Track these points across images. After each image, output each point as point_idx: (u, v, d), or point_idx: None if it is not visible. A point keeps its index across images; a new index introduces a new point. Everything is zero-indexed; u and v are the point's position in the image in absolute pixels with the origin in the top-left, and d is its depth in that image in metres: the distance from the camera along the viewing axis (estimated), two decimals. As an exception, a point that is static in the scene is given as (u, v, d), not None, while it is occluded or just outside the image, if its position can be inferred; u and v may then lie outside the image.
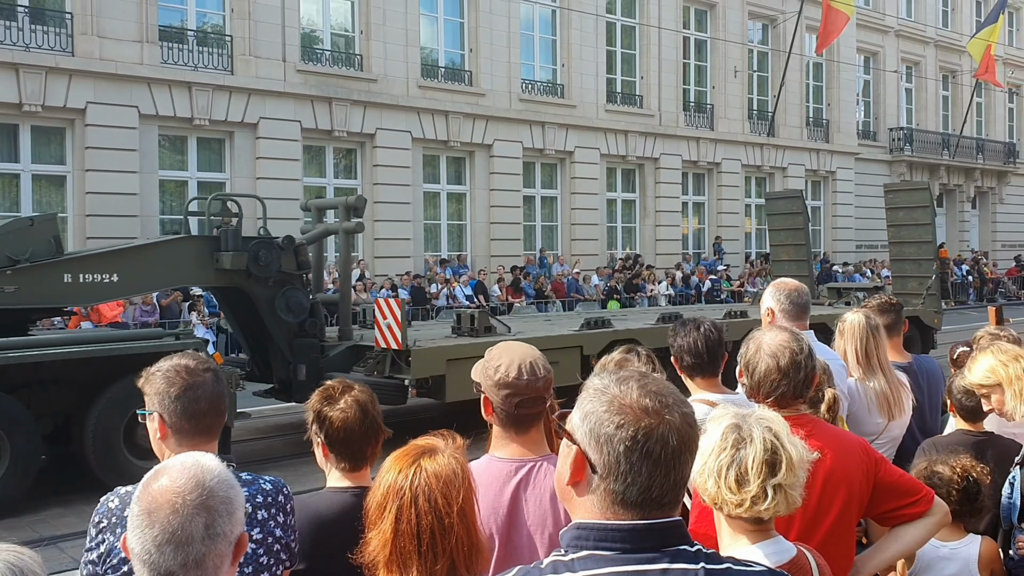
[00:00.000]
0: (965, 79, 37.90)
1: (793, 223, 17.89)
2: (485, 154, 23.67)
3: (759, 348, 2.68)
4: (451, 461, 1.93)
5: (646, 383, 1.55)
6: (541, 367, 2.43)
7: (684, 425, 1.51)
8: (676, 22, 27.72)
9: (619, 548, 1.48)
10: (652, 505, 1.49)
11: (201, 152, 19.61)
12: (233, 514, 1.56)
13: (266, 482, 2.44)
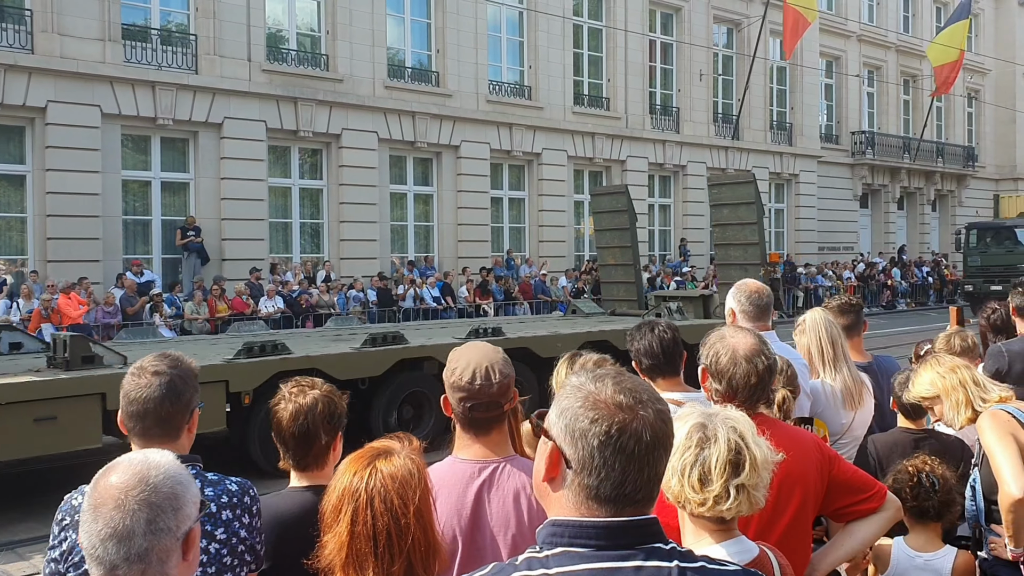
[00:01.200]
0: (926, 84, 38.53)
1: (618, 222, 15.84)
2: (452, 155, 23.66)
3: (733, 354, 2.69)
4: (407, 462, 1.93)
5: (621, 380, 1.56)
6: (497, 372, 2.42)
7: (658, 421, 1.53)
8: (642, 25, 27.89)
9: (594, 545, 1.49)
10: (626, 501, 1.50)
11: (165, 152, 19.40)
12: (180, 509, 1.58)
13: (232, 483, 2.43)
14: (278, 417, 2.62)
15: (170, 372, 2.43)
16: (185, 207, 19.55)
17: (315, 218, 21.83)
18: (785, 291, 28.27)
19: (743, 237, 14.09)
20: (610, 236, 16.19)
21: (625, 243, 15.71)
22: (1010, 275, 26.84)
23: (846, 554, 2.77)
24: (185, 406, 2.45)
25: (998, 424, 3.10)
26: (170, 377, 2.43)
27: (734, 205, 14.22)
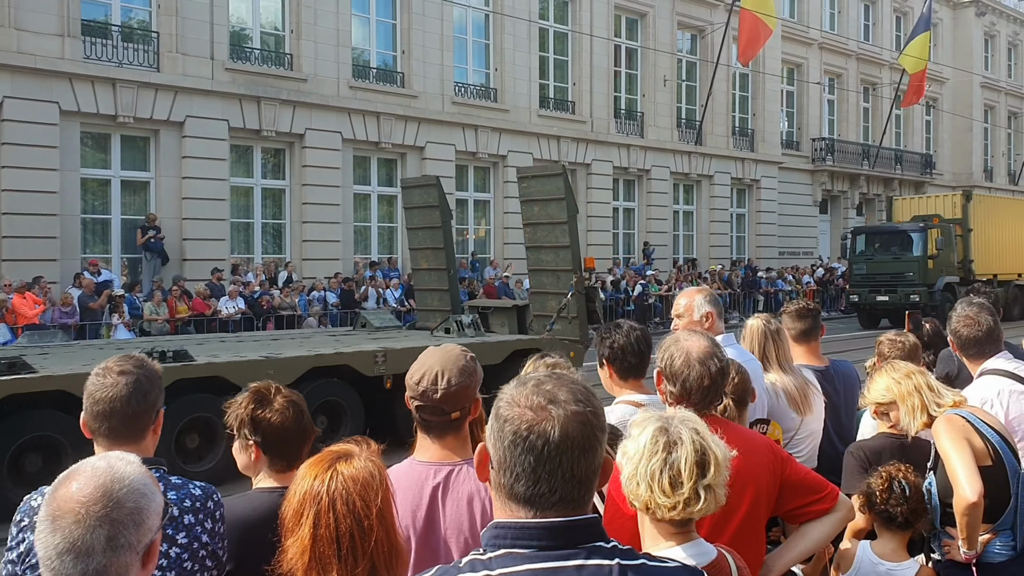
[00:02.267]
0: (885, 91, 39.14)
1: (430, 219, 13.45)
2: (417, 156, 23.60)
3: (687, 356, 2.72)
4: (367, 464, 1.93)
5: (542, 383, 1.59)
6: (446, 380, 2.41)
7: (572, 422, 1.52)
8: (607, 30, 28.04)
9: (536, 546, 1.50)
10: (542, 502, 1.51)
11: (125, 150, 19.14)
12: (142, 524, 1.54)
13: (196, 487, 2.42)
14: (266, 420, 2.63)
15: (136, 372, 2.43)
16: (146, 206, 19.30)
17: (277, 218, 21.66)
18: (745, 295, 28.58)
19: (554, 239, 11.98)
20: (423, 236, 13.74)
21: (438, 244, 13.34)
22: (897, 284, 25.51)
23: (800, 554, 2.80)
24: (151, 406, 2.45)
25: (953, 428, 3.16)
26: (136, 376, 2.43)
27: (544, 201, 12.05)
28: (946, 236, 26.06)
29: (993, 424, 3.22)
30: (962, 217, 27.45)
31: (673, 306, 4.28)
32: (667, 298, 25.74)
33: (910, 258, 25.83)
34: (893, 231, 27.25)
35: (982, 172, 45.75)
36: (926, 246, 25.45)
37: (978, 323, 3.81)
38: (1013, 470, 3.15)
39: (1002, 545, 3.17)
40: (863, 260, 26.71)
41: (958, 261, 26.81)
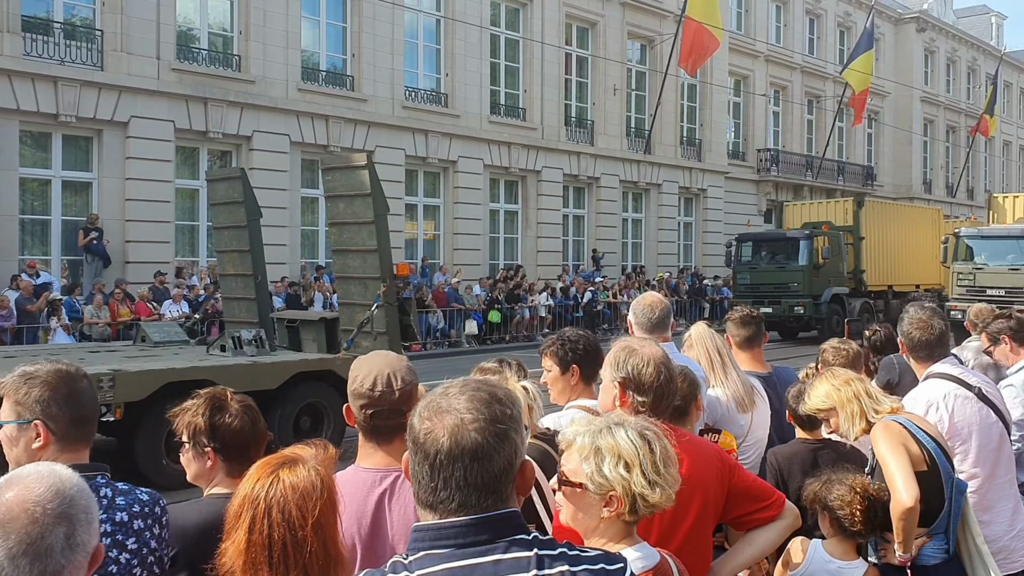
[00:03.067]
0: (829, 104, 39.95)
1: (235, 218, 11.84)
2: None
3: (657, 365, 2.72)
4: (311, 473, 1.91)
5: (448, 390, 1.62)
6: (399, 379, 2.42)
7: (463, 430, 1.54)
8: (558, 38, 28.20)
9: (453, 544, 1.53)
10: (443, 509, 1.54)
11: (67, 150, 18.73)
12: (91, 523, 1.50)
13: (143, 492, 2.38)
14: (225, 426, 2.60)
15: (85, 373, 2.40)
16: (87, 207, 18.91)
17: (224, 221, 21.33)
18: (692, 303, 28.90)
19: (360, 241, 10.33)
20: (228, 236, 12.10)
21: (244, 246, 11.72)
22: (781, 295, 23.99)
23: (746, 561, 2.83)
24: (94, 416, 2.41)
25: (890, 435, 3.22)
26: (89, 382, 2.41)
27: (349, 197, 10.46)
28: (835, 244, 24.62)
29: (929, 430, 3.30)
30: (854, 224, 25.99)
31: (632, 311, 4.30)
32: (616, 305, 25.94)
33: (795, 267, 24.22)
34: (779, 238, 25.72)
35: (921, 184, 46.91)
36: (812, 255, 24.02)
37: (931, 327, 3.89)
38: (947, 475, 3.22)
39: (936, 548, 3.24)
40: (747, 269, 25.28)
41: (849, 271, 25.48)
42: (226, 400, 2.65)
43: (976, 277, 21.94)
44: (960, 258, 22.59)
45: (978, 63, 51.83)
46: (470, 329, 22.94)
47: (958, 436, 3.65)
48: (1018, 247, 21.86)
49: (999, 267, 21.98)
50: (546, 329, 24.05)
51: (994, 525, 3.63)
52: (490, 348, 22.40)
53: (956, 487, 3.25)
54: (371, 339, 10.09)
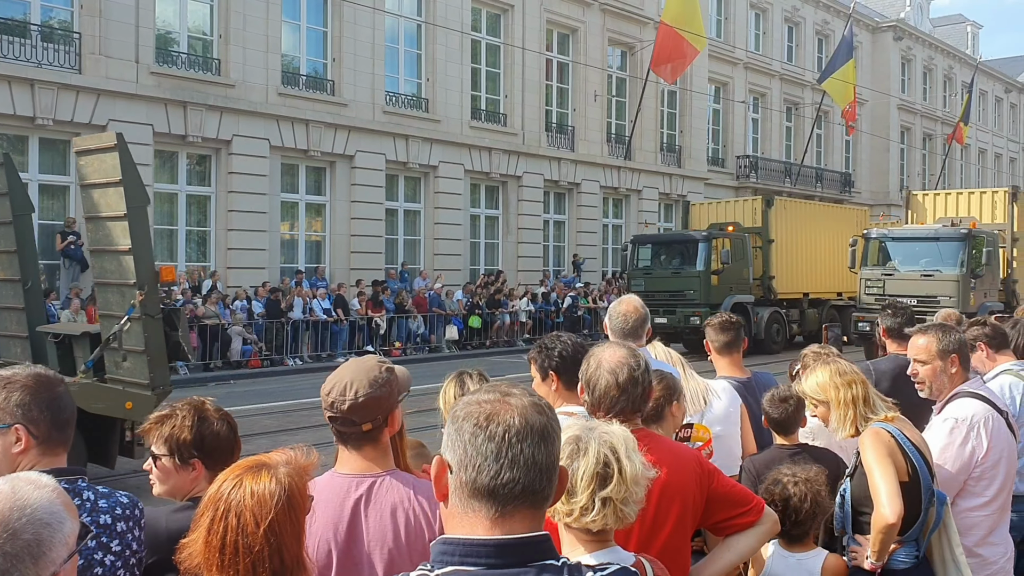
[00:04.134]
0: (807, 111, 40.25)
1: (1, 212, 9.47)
2: (347, 165, 23.42)
3: (599, 365, 2.75)
4: (271, 481, 1.91)
5: (493, 385, 1.62)
6: (355, 391, 2.39)
7: (529, 410, 1.54)
8: (540, 44, 28.27)
9: (484, 563, 1.48)
10: (507, 493, 1.49)
11: (44, 154, 18.57)
12: (41, 557, 1.43)
13: (123, 495, 2.38)
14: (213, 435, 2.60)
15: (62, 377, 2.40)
16: (65, 211, 18.75)
17: (202, 226, 21.25)
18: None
19: (115, 239, 8.42)
20: None
21: (10, 246, 9.57)
22: (676, 304, 21.64)
23: (725, 566, 2.83)
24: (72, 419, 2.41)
25: (879, 444, 3.23)
26: (64, 381, 2.41)
27: (103, 187, 8.44)
28: (738, 248, 22.43)
29: (915, 441, 3.32)
30: (762, 225, 23.55)
31: None
32: (596, 310, 25.98)
33: (691, 273, 21.94)
34: (678, 240, 23.46)
35: (898, 191, 47.29)
36: (710, 259, 21.82)
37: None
38: (927, 486, 3.24)
39: (906, 554, 3.27)
40: (642, 275, 22.76)
41: (756, 277, 23.15)
42: (208, 409, 2.63)
43: (886, 284, 19.62)
44: (870, 262, 20.41)
45: (954, 71, 52.41)
46: (451, 334, 22.93)
47: (990, 461, 3.61)
48: (935, 250, 19.62)
49: (911, 273, 19.71)
50: (527, 335, 24.09)
51: (996, 547, 3.65)
52: (470, 353, 22.40)
53: (937, 498, 3.27)
54: (121, 358, 8.45)
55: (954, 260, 19.26)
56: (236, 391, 15.65)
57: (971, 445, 3.58)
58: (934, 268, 19.31)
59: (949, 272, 19.11)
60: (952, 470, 3.57)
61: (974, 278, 19.21)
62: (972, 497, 3.61)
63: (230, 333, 18.70)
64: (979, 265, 19.34)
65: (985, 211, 21.89)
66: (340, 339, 20.80)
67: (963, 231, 19.53)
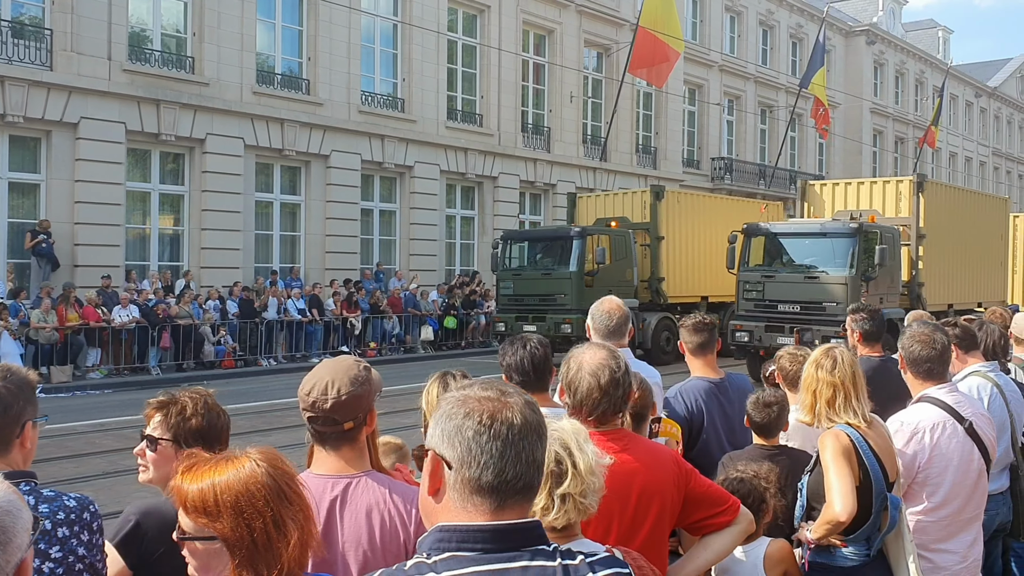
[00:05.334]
0: (781, 114, 40.57)
1: None
2: (322, 165, 23.31)
3: (580, 367, 2.75)
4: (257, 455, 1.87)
5: (487, 382, 1.65)
6: (336, 389, 2.38)
7: (527, 409, 1.60)
8: (516, 45, 28.29)
9: (480, 548, 1.53)
10: (508, 489, 1.55)
11: (14, 151, 18.35)
12: (8, 543, 1.42)
13: (70, 499, 2.32)
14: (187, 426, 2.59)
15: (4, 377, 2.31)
16: (35, 209, 18.54)
17: (176, 225, 21.08)
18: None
19: None
20: None
21: None
22: (547, 309, 18.98)
23: (702, 566, 2.85)
24: (14, 419, 2.32)
25: (839, 445, 3.29)
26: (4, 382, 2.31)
27: None
28: (619, 245, 19.95)
29: (874, 446, 3.37)
30: (651, 221, 20.97)
31: None
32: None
33: (563, 274, 19.19)
34: (552, 237, 20.76)
35: (871, 194, 47.81)
36: (584, 258, 19.13)
37: (933, 341, 3.81)
38: (879, 491, 3.30)
39: (855, 552, 3.35)
40: (511, 276, 20.12)
41: (643, 279, 20.70)
42: (212, 399, 2.63)
43: (765, 287, 16.84)
44: (752, 261, 17.54)
45: (926, 75, 53.03)
46: (426, 335, 22.89)
47: (934, 468, 3.65)
48: (829, 248, 16.72)
49: (793, 276, 16.74)
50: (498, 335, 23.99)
51: (949, 555, 3.69)
52: (446, 354, 22.37)
53: (891, 503, 3.34)
54: None
55: (843, 259, 16.34)
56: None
57: (912, 450, 3.64)
58: (820, 269, 16.58)
59: (837, 273, 16.29)
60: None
61: (865, 281, 16.21)
62: (915, 501, 3.68)
63: (203, 333, 18.56)
64: (871, 266, 16.35)
65: (889, 203, 18.93)
66: (315, 339, 20.70)
67: (853, 225, 16.62)
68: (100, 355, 17.19)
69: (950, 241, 19.51)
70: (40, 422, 2.43)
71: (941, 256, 19.15)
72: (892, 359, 5.31)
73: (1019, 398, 4.86)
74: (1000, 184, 60.69)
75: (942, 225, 19.21)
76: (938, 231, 19.02)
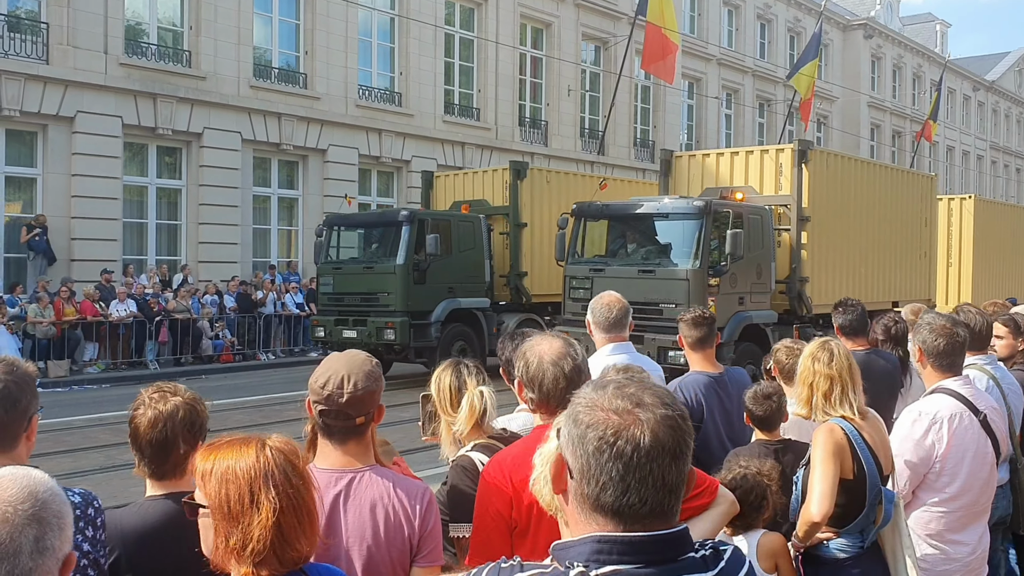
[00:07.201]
0: (779, 108, 40.53)
1: None
2: (319, 159, 23.28)
3: (540, 360, 2.69)
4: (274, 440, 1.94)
5: (623, 385, 1.49)
6: (352, 383, 2.39)
7: (662, 426, 1.42)
8: (513, 38, 28.24)
9: (643, 561, 1.41)
10: (631, 513, 1.41)
11: (10, 145, 18.31)
12: (64, 529, 1.48)
13: (74, 494, 2.32)
14: (136, 423, 2.51)
15: (4, 378, 2.31)
16: (31, 204, 18.51)
17: (173, 219, 21.04)
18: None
19: None
20: None
21: None
22: (369, 310, 15.53)
23: None
24: (22, 413, 2.33)
25: (830, 441, 3.29)
26: (4, 383, 2.30)
27: None
28: (465, 233, 16.56)
29: (871, 441, 3.37)
30: (511, 204, 17.40)
31: None
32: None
33: (386, 268, 15.64)
34: (378, 223, 17.09)
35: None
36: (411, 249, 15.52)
37: (955, 334, 3.77)
38: (872, 484, 3.31)
39: (848, 544, 3.36)
40: (331, 271, 16.54)
41: (502, 274, 17.33)
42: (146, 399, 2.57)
43: (594, 285, 13.30)
44: (587, 252, 14.41)
45: (923, 70, 53.01)
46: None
47: (950, 460, 3.64)
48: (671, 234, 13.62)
49: (625, 270, 13.53)
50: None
51: (961, 546, 3.70)
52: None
53: (885, 496, 3.34)
54: None
55: (688, 248, 13.07)
56: (208, 386, 15.52)
57: (931, 439, 3.63)
58: (655, 260, 13.38)
59: (676, 266, 13.08)
60: (912, 460, 3.64)
61: (715, 275, 12.97)
62: (932, 491, 3.68)
63: (200, 328, 18.55)
64: (723, 256, 12.92)
65: (769, 178, 15.12)
66: (312, 334, 20.67)
67: (699, 203, 13.21)
68: (97, 349, 17.17)
69: (848, 226, 15.54)
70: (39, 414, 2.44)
71: (834, 245, 15.23)
72: (879, 352, 5.32)
73: (1017, 391, 4.86)
74: (998, 178, 60.77)
75: (835, 206, 15.25)
76: (829, 213, 15.07)
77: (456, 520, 2.86)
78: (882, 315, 5.83)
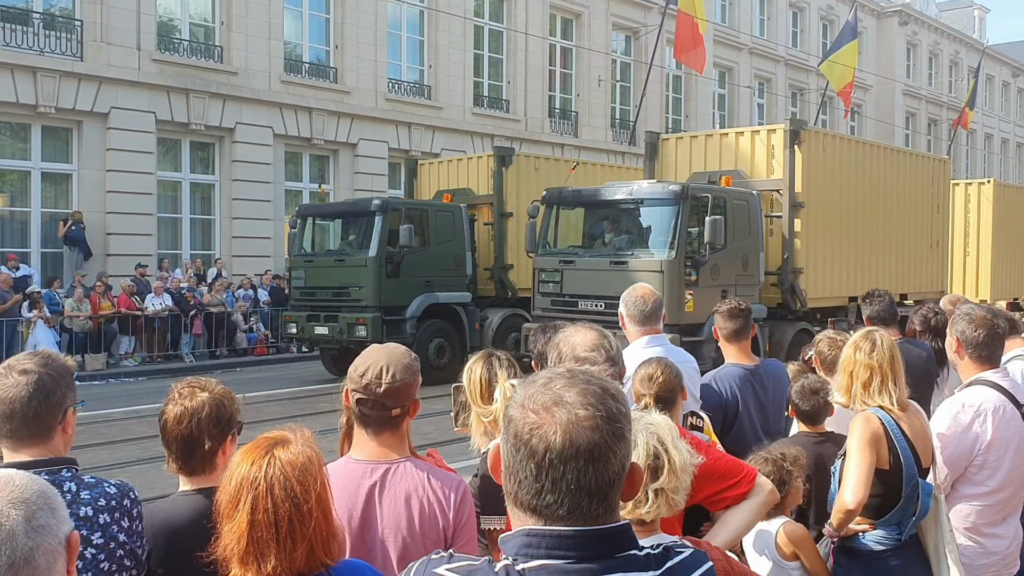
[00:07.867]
0: (812, 97, 40.06)
1: None
2: (350, 153, 23.37)
3: (573, 350, 2.70)
4: (305, 449, 1.93)
5: (552, 381, 1.42)
6: (390, 375, 2.41)
7: (577, 428, 1.35)
8: (543, 29, 28.14)
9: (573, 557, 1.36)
10: (548, 513, 1.36)
11: (46, 141, 18.56)
12: (56, 510, 1.45)
13: (111, 486, 2.35)
14: (164, 419, 2.54)
15: (38, 370, 2.32)
16: (67, 199, 18.75)
17: (207, 214, 21.23)
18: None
19: None
20: None
21: None
22: (341, 306, 14.82)
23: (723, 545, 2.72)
24: (56, 405, 2.34)
25: (867, 430, 3.26)
26: (39, 375, 2.31)
27: None
28: (444, 223, 15.82)
29: (906, 430, 3.32)
30: (495, 193, 16.71)
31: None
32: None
33: (358, 261, 14.96)
34: (350, 213, 16.26)
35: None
36: (383, 241, 14.79)
37: (995, 325, 3.71)
38: (910, 476, 3.26)
39: (886, 536, 3.32)
40: (303, 264, 15.99)
41: (486, 267, 16.64)
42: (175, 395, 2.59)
43: (564, 278, 12.86)
44: (561, 243, 13.62)
45: (960, 56, 52.13)
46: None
47: (993, 453, 3.58)
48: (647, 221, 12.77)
49: (596, 262, 12.72)
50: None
51: (999, 539, 3.65)
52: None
53: (922, 488, 3.30)
54: None
55: (664, 237, 12.17)
56: (242, 378, 15.67)
57: (975, 431, 3.57)
58: (628, 251, 12.58)
59: (651, 256, 12.18)
60: (953, 453, 3.59)
61: (695, 266, 12.05)
62: (972, 484, 3.62)
63: (235, 321, 18.72)
64: (702, 245, 12.06)
65: (761, 162, 14.07)
66: (344, 327, 20.78)
67: (675, 188, 12.26)
68: (134, 343, 17.38)
69: (847, 213, 14.53)
70: (78, 407, 2.45)
71: (831, 233, 14.19)
72: (913, 342, 5.24)
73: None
74: (1036, 166, 59.65)
75: (833, 191, 14.22)
76: (826, 199, 14.03)
77: (487, 512, 2.85)
78: (921, 305, 5.74)
